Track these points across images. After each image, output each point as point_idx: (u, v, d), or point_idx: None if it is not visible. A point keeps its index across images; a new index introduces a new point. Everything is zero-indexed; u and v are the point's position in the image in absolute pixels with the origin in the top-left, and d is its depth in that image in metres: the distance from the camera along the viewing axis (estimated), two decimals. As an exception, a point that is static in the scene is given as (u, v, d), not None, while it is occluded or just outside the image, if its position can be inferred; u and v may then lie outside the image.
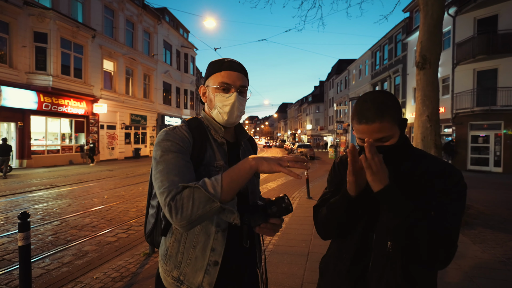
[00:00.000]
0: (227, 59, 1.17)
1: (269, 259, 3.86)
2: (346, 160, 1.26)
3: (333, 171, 1.31)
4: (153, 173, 1.02)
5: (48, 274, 3.49)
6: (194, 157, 1.08)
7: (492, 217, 5.99)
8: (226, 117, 1.15)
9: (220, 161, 1.13)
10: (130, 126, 22.50)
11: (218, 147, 1.16)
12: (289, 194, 8.68)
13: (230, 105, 1.13)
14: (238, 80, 1.14)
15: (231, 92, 1.14)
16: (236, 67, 1.15)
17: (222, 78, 1.13)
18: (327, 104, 51.35)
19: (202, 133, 1.15)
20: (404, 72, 22.79)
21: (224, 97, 1.14)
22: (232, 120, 1.17)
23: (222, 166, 1.13)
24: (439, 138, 5.86)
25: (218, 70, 1.15)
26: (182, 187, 0.93)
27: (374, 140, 1.04)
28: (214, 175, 0.98)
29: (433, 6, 5.78)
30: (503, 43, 14.36)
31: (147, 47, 24.50)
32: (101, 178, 11.80)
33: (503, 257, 3.96)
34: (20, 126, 14.41)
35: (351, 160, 1.01)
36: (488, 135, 15.51)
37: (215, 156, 1.13)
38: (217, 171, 1.10)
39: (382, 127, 1.01)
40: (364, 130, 1.04)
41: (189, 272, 1.07)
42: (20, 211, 2.59)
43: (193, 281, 1.07)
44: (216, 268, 1.07)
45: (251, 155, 1.22)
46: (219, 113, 1.16)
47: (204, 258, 1.07)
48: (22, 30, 14.20)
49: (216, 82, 1.14)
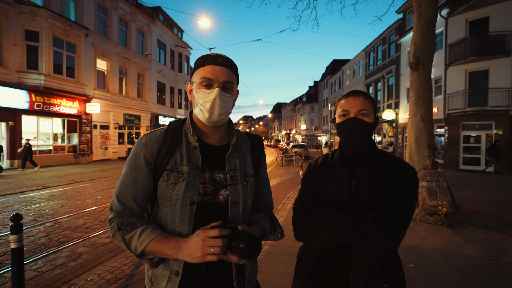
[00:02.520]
0: (213, 53, 1.10)
1: (265, 260, 3.86)
2: (322, 164, 1.37)
3: (308, 175, 1.39)
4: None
5: (41, 277, 3.45)
6: (158, 162, 1.07)
7: (484, 216, 6.07)
8: (207, 114, 1.07)
9: (184, 166, 1.06)
10: (124, 126, 22.29)
11: (189, 152, 1.10)
12: (284, 194, 8.69)
13: (211, 101, 1.05)
14: (222, 75, 1.06)
15: (213, 88, 1.06)
16: (221, 62, 1.07)
17: (204, 73, 1.06)
18: (321, 104, 51.57)
19: (175, 136, 1.11)
20: (397, 72, 22.99)
21: (206, 93, 1.06)
22: (214, 118, 1.08)
23: (186, 172, 1.05)
24: (432, 138, 5.93)
25: (202, 65, 1.08)
26: (117, 223, 1.03)
27: (357, 110, 1.22)
28: (177, 180, 1.04)
29: (426, 8, 5.85)
30: (494, 44, 14.59)
31: (141, 46, 24.31)
32: (95, 178, 11.68)
33: (495, 255, 4.03)
34: (11, 126, 14.17)
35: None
36: (480, 135, 15.73)
37: (181, 161, 1.07)
38: (179, 177, 1.05)
39: (365, 102, 1.23)
40: (350, 101, 1.25)
41: (159, 276, 1.07)
42: (11, 213, 2.55)
43: (160, 285, 1.06)
44: (177, 278, 1.03)
45: (246, 159, 1.19)
46: (200, 110, 1.09)
47: (168, 265, 1.05)
48: (13, 29, 13.97)
49: (199, 78, 1.08)
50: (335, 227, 1.14)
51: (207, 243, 0.89)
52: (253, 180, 1.18)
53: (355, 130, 1.22)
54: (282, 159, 19.57)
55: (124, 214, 1.05)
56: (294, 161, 20.16)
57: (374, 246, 1.08)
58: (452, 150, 16.55)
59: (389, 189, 1.16)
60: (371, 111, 1.24)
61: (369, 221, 1.09)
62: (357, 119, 1.22)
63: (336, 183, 1.27)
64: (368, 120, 1.23)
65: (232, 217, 1.08)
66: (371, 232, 1.07)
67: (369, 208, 1.16)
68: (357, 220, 1.11)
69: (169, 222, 1.05)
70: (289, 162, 20.29)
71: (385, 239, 1.06)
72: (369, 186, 1.20)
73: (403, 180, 1.16)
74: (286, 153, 22.68)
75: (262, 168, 1.28)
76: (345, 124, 1.24)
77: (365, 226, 1.09)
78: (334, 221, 1.15)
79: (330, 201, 1.26)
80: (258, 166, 1.24)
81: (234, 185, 1.11)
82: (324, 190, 1.29)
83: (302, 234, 1.28)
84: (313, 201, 1.31)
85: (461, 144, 16.31)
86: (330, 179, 1.29)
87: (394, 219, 1.08)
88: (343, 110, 1.25)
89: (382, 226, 1.07)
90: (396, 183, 1.16)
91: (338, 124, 1.29)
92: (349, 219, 1.12)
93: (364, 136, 1.23)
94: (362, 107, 1.22)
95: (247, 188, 1.14)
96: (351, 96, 1.26)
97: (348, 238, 1.11)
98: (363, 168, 1.23)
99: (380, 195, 1.16)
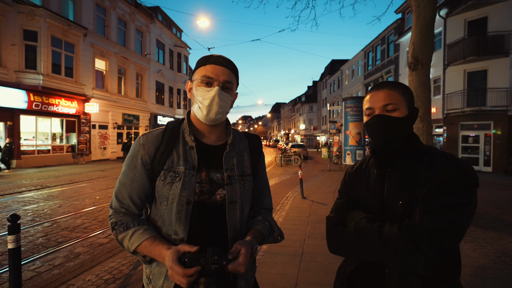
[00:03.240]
0: (215, 54, 1.13)
1: (263, 260, 3.85)
2: (358, 169, 1.23)
3: (343, 181, 1.27)
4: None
5: (39, 277, 3.43)
6: (155, 162, 1.09)
7: (483, 216, 6.08)
8: (205, 111, 1.09)
9: (181, 166, 1.08)
10: (123, 126, 22.26)
11: (186, 151, 1.11)
12: (283, 194, 8.68)
13: (210, 98, 1.07)
14: (222, 75, 1.09)
15: (213, 86, 1.08)
16: (223, 62, 1.10)
17: (205, 71, 1.09)
18: (320, 104, 51.60)
19: (173, 136, 1.12)
20: (396, 72, 23.03)
21: (205, 91, 1.08)
22: (212, 116, 1.09)
23: (182, 172, 1.07)
24: (431, 138, 5.94)
25: (203, 64, 1.10)
26: (112, 222, 1.08)
27: (381, 106, 1.05)
28: (174, 180, 1.06)
29: (425, 8, 5.85)
30: (492, 44, 14.62)
31: (140, 46, 24.27)
32: (93, 178, 11.65)
33: (493, 255, 4.03)
34: (9, 126, 14.12)
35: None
36: (478, 135, 15.77)
37: (178, 161, 1.09)
38: (175, 177, 1.06)
39: (391, 94, 1.05)
40: (373, 97, 1.08)
41: (156, 273, 1.08)
42: (9, 213, 2.54)
43: (157, 283, 1.06)
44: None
45: (243, 159, 1.20)
46: (199, 107, 1.10)
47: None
48: (11, 28, 13.92)
49: (200, 76, 1.10)
50: (360, 236, 1.01)
51: (172, 275, 0.93)
52: (251, 179, 1.19)
53: (382, 130, 1.05)
54: (281, 159, 19.58)
55: (121, 211, 1.09)
56: (293, 161, 20.16)
57: (405, 261, 0.91)
58: (451, 150, 16.56)
59: (429, 191, 0.95)
60: (402, 103, 1.05)
61: (396, 228, 0.92)
62: (382, 116, 1.05)
63: (368, 187, 1.12)
64: (398, 114, 1.03)
65: (228, 216, 1.09)
66: (397, 242, 0.90)
67: (406, 216, 0.97)
68: (383, 227, 0.95)
69: (166, 221, 1.07)
70: (288, 162, 20.29)
71: (418, 254, 0.88)
72: (404, 189, 1.01)
73: (448, 178, 0.94)
74: (285, 153, 22.69)
75: (261, 168, 1.28)
76: (370, 123, 1.09)
77: (391, 234, 0.92)
78: (358, 229, 1.02)
79: (365, 208, 1.11)
80: (257, 165, 1.25)
81: (231, 184, 1.11)
82: (359, 196, 1.16)
83: (333, 245, 1.14)
84: (349, 209, 1.16)
85: (459, 144, 16.35)
86: (364, 183, 1.16)
87: (426, 229, 0.88)
88: (368, 108, 1.10)
89: (409, 237, 0.89)
90: (437, 183, 0.95)
91: (364, 124, 1.13)
92: (374, 226, 0.97)
93: (395, 134, 1.04)
94: (387, 101, 1.04)
95: (244, 187, 1.15)
96: (374, 90, 1.09)
97: (374, 249, 0.96)
98: (398, 169, 1.06)
99: (418, 200, 0.97)
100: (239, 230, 1.12)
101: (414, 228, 0.89)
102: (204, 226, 1.08)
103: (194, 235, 1.06)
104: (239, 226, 1.12)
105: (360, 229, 1.00)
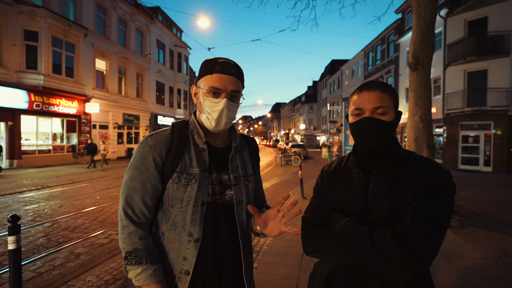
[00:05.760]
0: (221, 59, 1.10)
1: (264, 260, 3.85)
2: (336, 168, 1.18)
3: (320, 181, 1.21)
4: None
5: (39, 277, 3.44)
6: (167, 164, 1.08)
7: (483, 216, 6.08)
8: (214, 123, 1.10)
9: (195, 168, 1.08)
10: (123, 125, 22.26)
11: (198, 153, 1.12)
12: (283, 194, 8.68)
13: (219, 111, 1.08)
14: (230, 85, 1.08)
15: (221, 98, 1.08)
16: (230, 70, 1.08)
17: (212, 82, 1.07)
18: (320, 104, 51.59)
19: (182, 138, 1.12)
20: (396, 72, 23.01)
21: (213, 103, 1.08)
22: (220, 128, 1.11)
23: (198, 174, 1.08)
24: (431, 139, 5.93)
25: (209, 72, 1.08)
26: (130, 250, 1.03)
27: (372, 108, 1.01)
28: (189, 182, 1.06)
29: (425, 8, 5.85)
30: (492, 44, 14.62)
31: (140, 46, 24.27)
32: (93, 178, 11.65)
33: (494, 256, 4.03)
34: (10, 126, 14.13)
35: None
36: (478, 135, 15.76)
37: (191, 163, 1.09)
38: (190, 179, 1.07)
39: (382, 97, 1.01)
40: (364, 97, 1.03)
41: (165, 277, 1.08)
42: (10, 213, 2.54)
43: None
44: (187, 277, 1.05)
45: (246, 160, 1.25)
46: (207, 118, 1.11)
47: (177, 265, 1.06)
48: (12, 28, 13.92)
49: (207, 86, 1.08)
50: (346, 239, 0.96)
51: None
52: (253, 179, 1.25)
53: (370, 133, 1.01)
54: (281, 159, 19.58)
55: (133, 220, 1.05)
56: (293, 161, 20.16)
57: (396, 266, 0.87)
58: (451, 150, 16.58)
59: (416, 196, 0.94)
60: (391, 107, 1.02)
61: (389, 234, 0.89)
62: (372, 119, 1.01)
63: (350, 188, 1.08)
64: (387, 118, 1.01)
65: (237, 215, 1.14)
66: (391, 248, 0.87)
67: (389, 220, 0.96)
68: (374, 232, 0.91)
69: (179, 223, 1.07)
70: (288, 162, 20.29)
71: (409, 259, 0.85)
72: (390, 192, 0.99)
73: (435, 184, 0.94)
74: (285, 153, 22.69)
75: (258, 167, 1.36)
76: (358, 125, 1.04)
77: (383, 239, 0.88)
78: (345, 232, 0.96)
79: (344, 210, 1.07)
80: (256, 165, 1.33)
81: (238, 185, 1.16)
82: (337, 197, 1.11)
83: (311, 247, 1.07)
84: (326, 209, 1.12)
85: (459, 144, 16.34)
86: (343, 184, 1.11)
87: (420, 233, 0.87)
88: (356, 108, 1.04)
89: (404, 241, 0.86)
90: (425, 188, 0.94)
91: (351, 124, 1.08)
92: (363, 230, 0.92)
93: (382, 138, 1.02)
94: (379, 104, 1.00)
95: (248, 187, 1.20)
96: (366, 90, 1.03)
97: (361, 254, 0.92)
98: (383, 171, 1.03)
99: (403, 204, 0.96)
100: (246, 228, 1.17)
101: (409, 235, 0.87)
102: (216, 226, 1.10)
103: (207, 235, 1.08)
104: (245, 224, 1.17)
105: (347, 233, 0.96)
